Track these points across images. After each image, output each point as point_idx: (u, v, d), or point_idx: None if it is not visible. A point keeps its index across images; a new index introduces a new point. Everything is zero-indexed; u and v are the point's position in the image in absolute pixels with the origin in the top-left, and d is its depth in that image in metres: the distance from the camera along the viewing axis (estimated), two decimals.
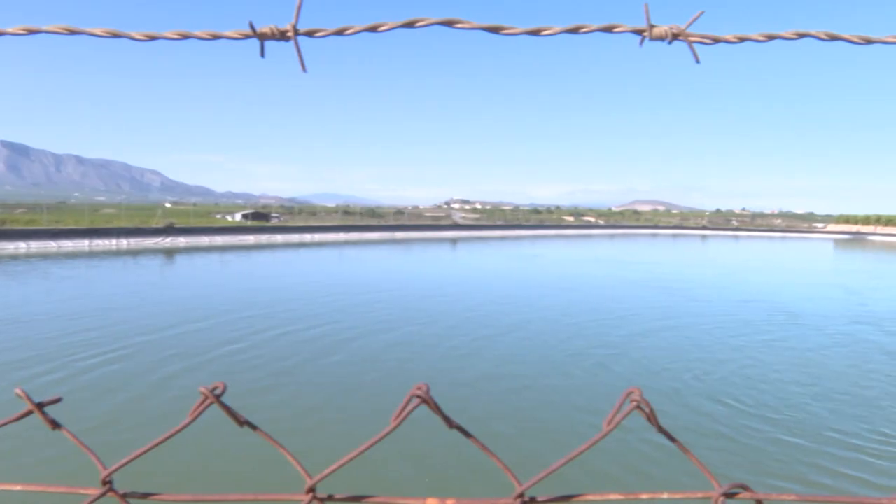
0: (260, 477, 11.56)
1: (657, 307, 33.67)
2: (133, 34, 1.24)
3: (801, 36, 1.22)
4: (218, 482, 11.65)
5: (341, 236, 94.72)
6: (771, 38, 1.22)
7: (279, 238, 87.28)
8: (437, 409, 1.17)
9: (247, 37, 1.22)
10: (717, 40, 1.20)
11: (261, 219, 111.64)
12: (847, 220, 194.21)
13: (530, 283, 44.35)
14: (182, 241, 75.60)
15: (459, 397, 17.15)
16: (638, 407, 1.18)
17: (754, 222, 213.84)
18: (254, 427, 1.28)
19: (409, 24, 1.17)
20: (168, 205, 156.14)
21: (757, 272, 58.80)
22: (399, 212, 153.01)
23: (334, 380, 18.57)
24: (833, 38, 1.23)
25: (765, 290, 43.39)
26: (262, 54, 1.22)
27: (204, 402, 1.25)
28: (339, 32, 1.21)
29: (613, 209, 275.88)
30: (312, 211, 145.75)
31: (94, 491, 1.27)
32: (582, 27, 1.18)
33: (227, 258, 60.10)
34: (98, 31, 1.24)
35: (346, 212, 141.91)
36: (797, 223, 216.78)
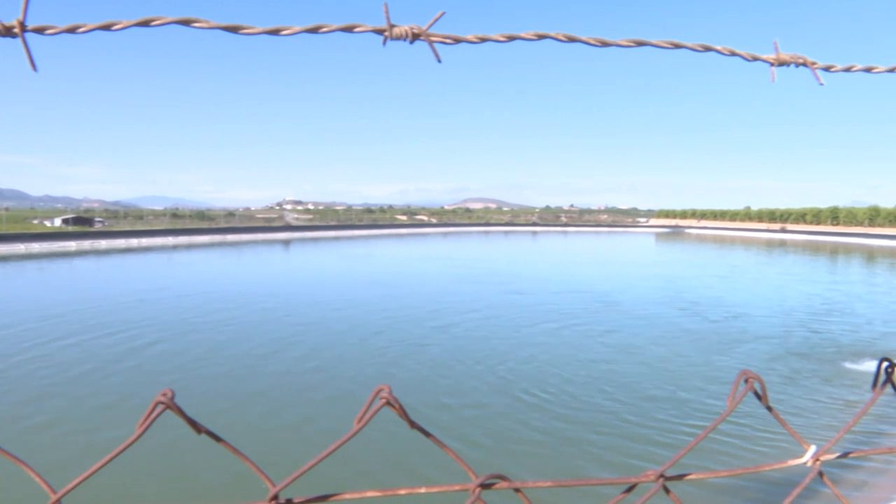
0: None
1: (477, 301, 34.27)
2: None
3: (541, 37, 1.27)
4: None
5: (170, 240, 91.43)
6: (511, 38, 1.26)
7: (103, 244, 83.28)
8: (181, 414, 1.14)
9: None
10: (458, 40, 1.23)
11: (83, 224, 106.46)
12: (667, 214, 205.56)
13: (356, 281, 44.22)
14: None
15: (241, 398, 16.87)
16: (388, 403, 1.19)
17: (582, 218, 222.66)
18: None
19: (145, 24, 1.14)
20: None
21: (583, 265, 61.24)
22: (230, 214, 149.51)
23: (86, 388, 17.62)
24: (572, 39, 1.29)
25: (589, 281, 45.16)
26: None
27: None
28: (72, 30, 1.16)
29: (446, 207, 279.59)
30: (139, 215, 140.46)
31: None
32: (322, 27, 1.18)
33: (45, 266, 56.73)
34: None
35: (175, 215, 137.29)
36: (622, 218, 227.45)
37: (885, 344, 24.58)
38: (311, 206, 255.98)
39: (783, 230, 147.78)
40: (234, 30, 1.17)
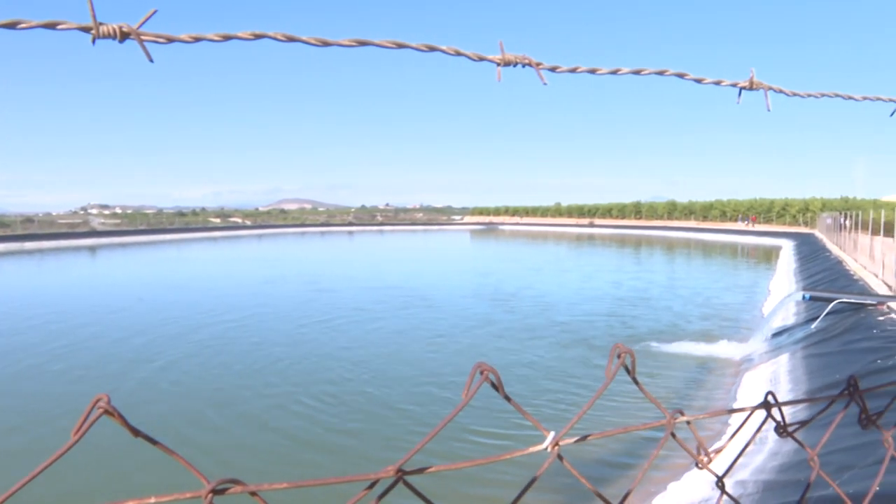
0: None
1: (272, 299, 33.84)
2: None
3: (259, 37, 1.27)
4: None
5: None
6: (227, 38, 1.25)
7: None
8: None
9: None
10: (171, 40, 1.21)
11: None
12: (481, 212, 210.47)
13: (151, 285, 42.23)
14: None
15: None
16: (106, 412, 1.15)
17: (398, 217, 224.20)
18: None
19: None
20: None
21: (398, 262, 61.84)
22: (28, 220, 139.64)
23: None
24: (291, 39, 1.30)
25: (401, 277, 45.54)
26: None
27: None
28: None
29: (261, 209, 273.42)
30: None
31: None
32: (20, 22, 1.12)
33: None
34: None
35: None
36: (437, 216, 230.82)
37: (687, 327, 25.93)
38: (118, 210, 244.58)
39: (591, 224, 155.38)
40: None
